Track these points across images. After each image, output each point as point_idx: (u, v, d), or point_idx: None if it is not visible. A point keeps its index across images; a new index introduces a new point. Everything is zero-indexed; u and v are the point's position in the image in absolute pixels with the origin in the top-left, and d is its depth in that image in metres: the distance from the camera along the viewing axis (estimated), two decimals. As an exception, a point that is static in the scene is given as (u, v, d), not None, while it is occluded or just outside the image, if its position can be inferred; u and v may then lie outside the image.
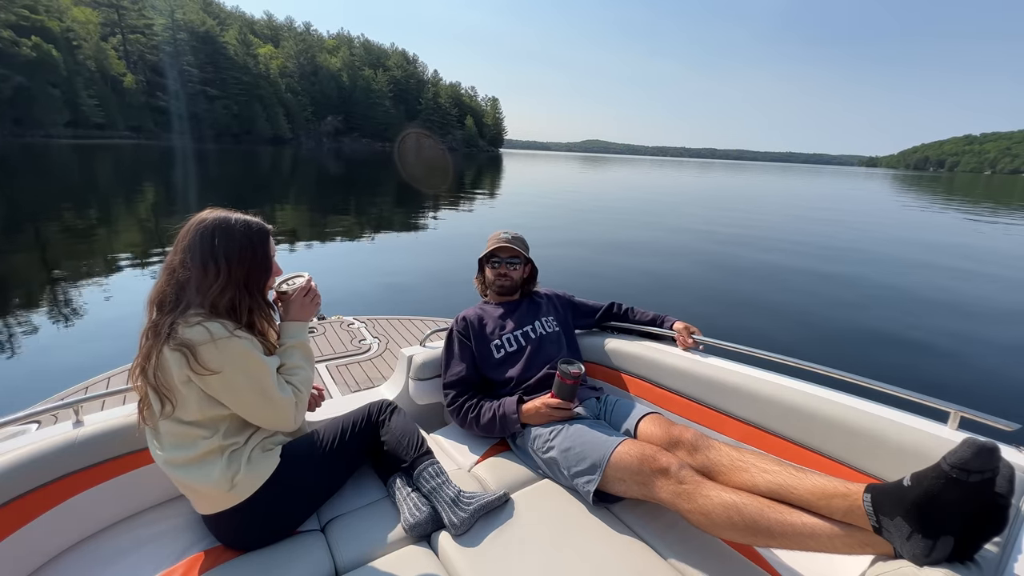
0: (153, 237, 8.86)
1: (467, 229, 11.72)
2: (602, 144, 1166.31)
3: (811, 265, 9.02)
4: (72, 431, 1.29)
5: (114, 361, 2.90)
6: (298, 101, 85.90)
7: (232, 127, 72.47)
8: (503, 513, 1.38)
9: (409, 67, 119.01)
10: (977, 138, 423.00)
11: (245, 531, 1.25)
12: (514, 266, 1.93)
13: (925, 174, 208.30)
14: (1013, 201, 33.00)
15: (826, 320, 5.89)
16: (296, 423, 1.31)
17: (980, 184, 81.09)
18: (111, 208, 12.19)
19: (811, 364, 1.46)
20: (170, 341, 1.10)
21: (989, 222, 18.49)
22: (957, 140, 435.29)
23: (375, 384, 2.68)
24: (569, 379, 1.51)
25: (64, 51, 52.88)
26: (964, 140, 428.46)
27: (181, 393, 1.14)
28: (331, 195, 17.83)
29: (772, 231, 13.35)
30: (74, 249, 7.78)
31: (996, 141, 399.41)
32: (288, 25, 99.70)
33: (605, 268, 8.11)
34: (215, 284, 1.17)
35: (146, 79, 65.63)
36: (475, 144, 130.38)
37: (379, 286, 6.58)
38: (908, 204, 26.29)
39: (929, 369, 4.62)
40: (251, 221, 1.26)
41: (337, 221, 11.89)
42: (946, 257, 10.45)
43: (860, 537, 0.96)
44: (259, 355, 1.21)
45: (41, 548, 1.21)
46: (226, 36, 74.89)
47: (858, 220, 17.20)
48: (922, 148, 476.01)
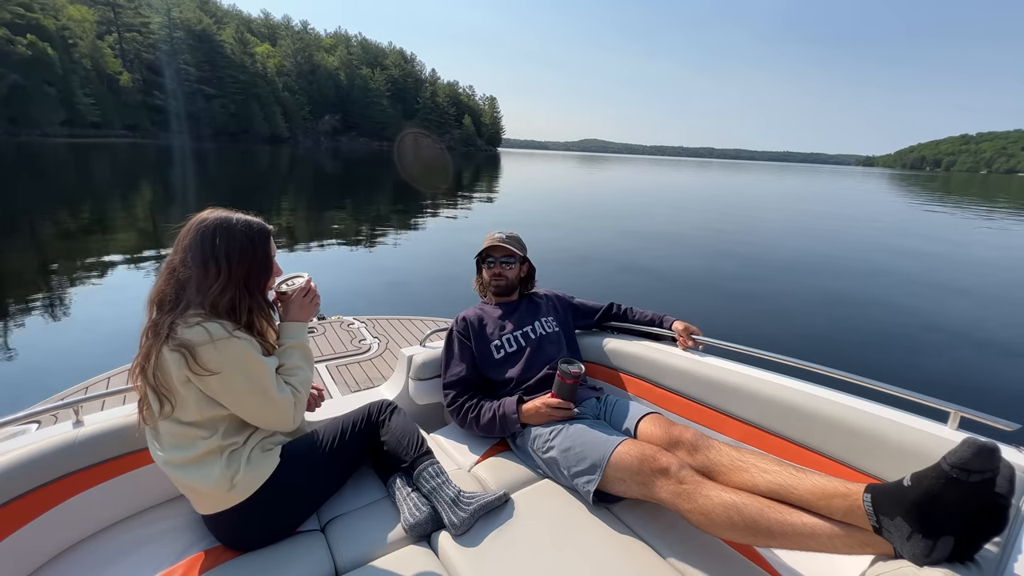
0: (152, 237, 8.85)
1: (467, 228, 11.73)
2: (600, 143, 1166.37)
3: (810, 265, 9.06)
4: (72, 431, 1.28)
5: (114, 361, 2.90)
6: (295, 100, 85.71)
7: (229, 126, 72.24)
8: (503, 513, 1.38)
9: (407, 66, 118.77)
10: (973, 138, 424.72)
11: (245, 531, 1.25)
12: (509, 265, 1.93)
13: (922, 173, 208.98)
14: (1012, 200, 33.10)
15: (826, 320, 5.90)
16: (295, 424, 1.31)
17: (976, 183, 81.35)
18: (110, 207, 12.15)
19: (811, 364, 1.46)
20: (169, 341, 1.10)
21: (988, 220, 18.58)
22: (953, 140, 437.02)
23: (375, 384, 2.68)
24: (569, 379, 1.52)
25: (60, 49, 52.59)
26: (960, 140, 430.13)
27: (180, 394, 1.13)
28: (330, 194, 17.83)
29: (771, 231, 13.39)
30: (73, 249, 7.77)
31: (992, 141, 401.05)
32: (285, 24, 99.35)
33: (603, 268, 8.12)
34: (215, 284, 1.17)
35: (142, 78, 65.37)
36: (473, 143, 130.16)
37: (379, 286, 6.58)
38: (911, 204, 26.33)
39: (929, 369, 4.63)
40: (252, 221, 1.26)
41: (337, 221, 11.88)
42: (946, 257, 10.49)
43: (860, 537, 0.96)
44: (258, 356, 1.20)
45: (41, 548, 1.21)
46: (223, 34, 74.64)
47: (857, 219, 17.24)
48: (918, 148, 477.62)
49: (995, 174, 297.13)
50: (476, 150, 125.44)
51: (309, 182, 22.60)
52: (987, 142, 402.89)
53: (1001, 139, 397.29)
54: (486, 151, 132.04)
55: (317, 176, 25.98)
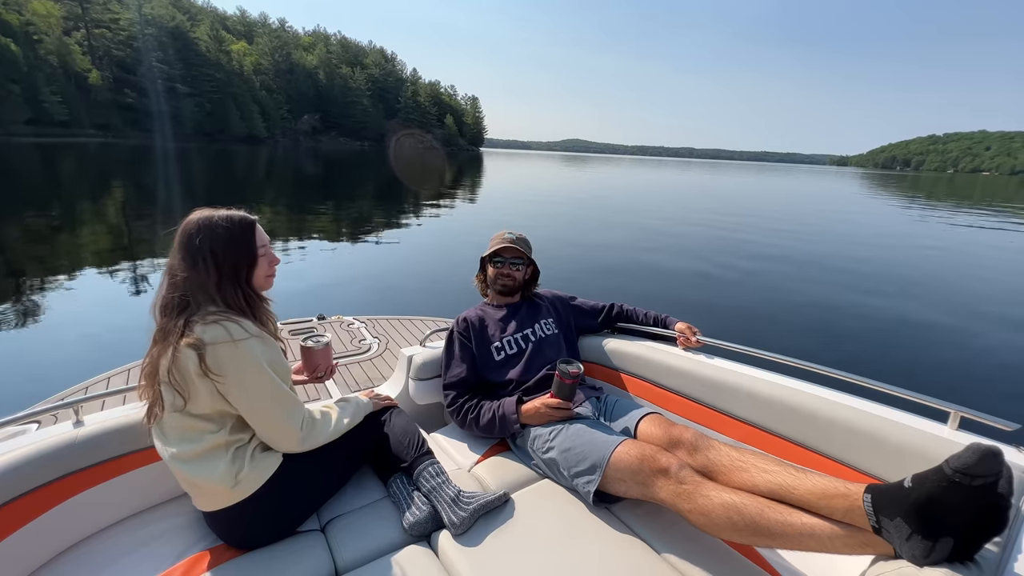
0: (152, 237, 8.70)
1: (468, 228, 11.72)
2: (582, 143, 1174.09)
3: (810, 264, 9.18)
4: (72, 431, 1.29)
5: (114, 361, 2.87)
6: (273, 99, 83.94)
7: (205, 125, 70.42)
8: (503, 513, 1.39)
9: (387, 65, 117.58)
10: (940, 138, 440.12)
11: (246, 529, 1.26)
12: (517, 267, 1.93)
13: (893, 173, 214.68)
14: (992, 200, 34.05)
15: (826, 320, 5.95)
16: (290, 451, 1.30)
17: (944, 182, 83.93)
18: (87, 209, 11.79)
19: (811, 364, 1.48)
20: (184, 338, 1.13)
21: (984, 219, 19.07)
22: (922, 140, 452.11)
23: (375, 384, 2.68)
24: (568, 379, 1.52)
25: (24, 45, 50.56)
26: (928, 140, 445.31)
27: (196, 385, 1.15)
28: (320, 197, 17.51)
29: (769, 231, 13.51)
30: (73, 249, 7.68)
31: (958, 141, 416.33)
32: (262, 21, 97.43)
33: (600, 267, 8.17)
34: (209, 280, 1.19)
35: (113, 76, 63.14)
36: (455, 143, 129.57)
37: (379, 286, 6.56)
38: (897, 205, 26.67)
39: (929, 369, 4.66)
40: (234, 215, 1.27)
41: (335, 221, 11.76)
42: (945, 256, 10.71)
43: (860, 537, 0.96)
44: (271, 372, 1.22)
45: (41, 548, 1.21)
46: (197, 32, 72.66)
47: (854, 219, 17.53)
48: (889, 148, 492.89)
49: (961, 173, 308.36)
50: (458, 150, 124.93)
51: (294, 183, 22.19)
52: (953, 142, 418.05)
53: (966, 139, 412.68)
54: (468, 151, 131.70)
55: (301, 177, 25.52)
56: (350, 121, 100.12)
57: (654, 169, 77.24)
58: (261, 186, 19.30)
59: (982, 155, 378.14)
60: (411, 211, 14.26)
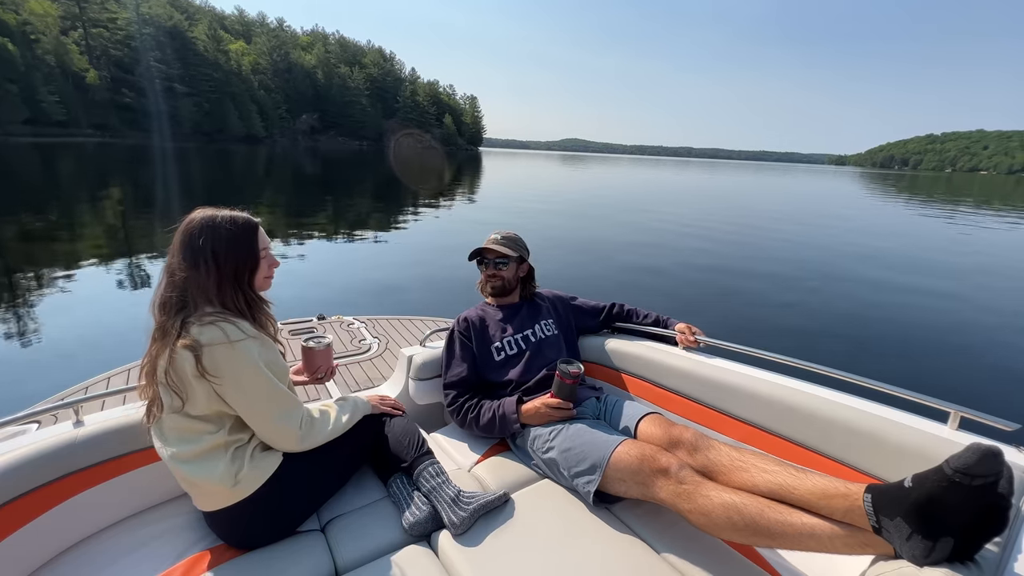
0: (152, 238, 8.67)
1: (468, 228, 11.71)
2: (581, 143, 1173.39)
3: (809, 264, 9.18)
4: (72, 431, 1.29)
5: (114, 361, 2.86)
6: (272, 99, 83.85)
7: (203, 125, 70.31)
8: (503, 513, 1.39)
9: (386, 65, 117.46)
10: (938, 137, 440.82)
11: (246, 528, 1.26)
12: (502, 267, 1.91)
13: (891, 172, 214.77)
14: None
15: (826, 320, 5.95)
16: (290, 450, 1.30)
17: (943, 182, 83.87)
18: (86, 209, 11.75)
19: (811, 364, 1.47)
20: (181, 339, 1.13)
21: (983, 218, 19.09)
22: (920, 139, 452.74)
23: (375, 384, 2.68)
24: (568, 379, 1.52)
25: (21, 45, 50.45)
26: (926, 139, 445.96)
27: (193, 387, 1.15)
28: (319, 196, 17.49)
29: (769, 230, 13.50)
30: (73, 249, 7.66)
31: (956, 140, 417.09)
32: (260, 21, 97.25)
33: (600, 267, 8.17)
34: (209, 281, 1.19)
35: (111, 75, 63.03)
36: (454, 142, 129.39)
37: (379, 286, 6.54)
38: (898, 205, 26.56)
39: (929, 369, 4.66)
40: (237, 216, 1.27)
41: (335, 221, 11.73)
42: (944, 256, 10.73)
43: (860, 537, 0.96)
44: (268, 372, 1.22)
45: (41, 548, 1.21)
46: (195, 31, 72.55)
47: (853, 219, 17.53)
48: (887, 147, 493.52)
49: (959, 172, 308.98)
50: (457, 149, 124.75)
51: (293, 182, 22.15)
52: (951, 141, 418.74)
53: (964, 139, 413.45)
54: (467, 150, 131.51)
55: (299, 176, 25.47)
56: (348, 121, 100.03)
57: (652, 168, 77.23)
58: (260, 186, 19.31)
59: (980, 154, 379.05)
60: (410, 211, 14.24)
